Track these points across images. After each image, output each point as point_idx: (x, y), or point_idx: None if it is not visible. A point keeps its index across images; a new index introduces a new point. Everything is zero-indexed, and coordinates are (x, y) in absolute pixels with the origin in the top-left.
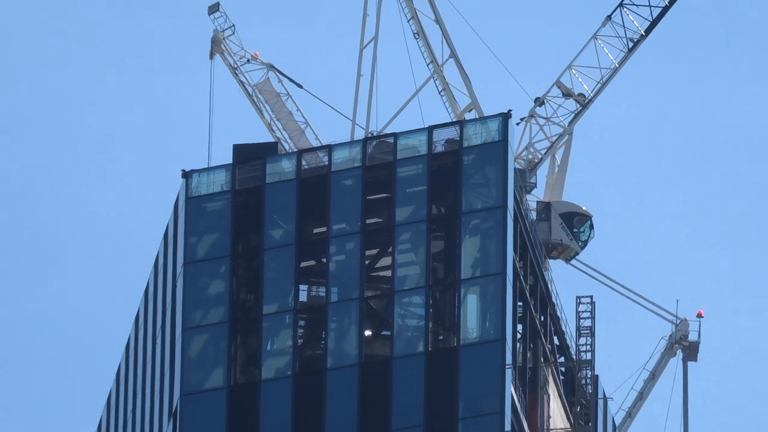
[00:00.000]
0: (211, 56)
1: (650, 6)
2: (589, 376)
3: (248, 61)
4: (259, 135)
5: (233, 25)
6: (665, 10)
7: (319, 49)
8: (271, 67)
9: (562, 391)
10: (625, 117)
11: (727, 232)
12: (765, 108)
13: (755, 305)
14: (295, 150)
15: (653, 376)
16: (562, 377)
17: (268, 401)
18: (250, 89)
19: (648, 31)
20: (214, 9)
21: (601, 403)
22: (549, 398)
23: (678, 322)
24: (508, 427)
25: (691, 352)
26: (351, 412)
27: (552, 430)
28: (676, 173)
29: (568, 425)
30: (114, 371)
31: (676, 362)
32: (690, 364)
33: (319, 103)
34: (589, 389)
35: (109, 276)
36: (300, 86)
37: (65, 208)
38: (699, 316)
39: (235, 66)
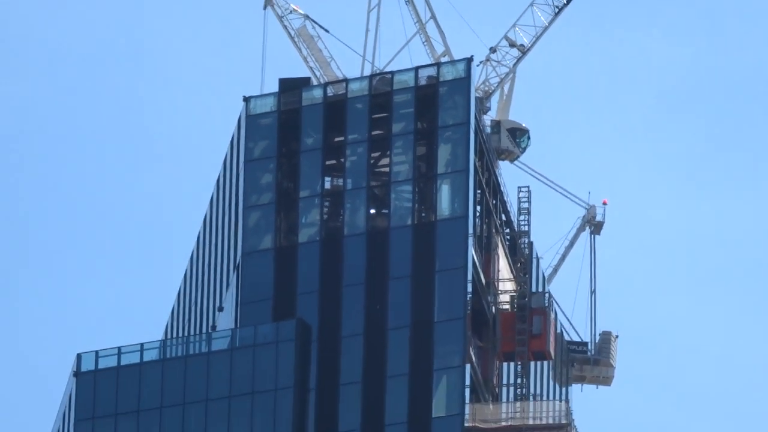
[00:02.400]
0: (264, 8)
1: None
2: (526, 242)
3: (291, 12)
4: (298, 68)
5: None
6: None
7: (342, 6)
8: (307, 17)
9: (507, 253)
10: (554, 61)
11: (634, 141)
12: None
13: (654, 196)
14: (323, 82)
15: (571, 244)
16: (507, 243)
17: (303, 258)
18: (292, 33)
19: (565, 4)
20: None
21: (534, 261)
22: (498, 258)
23: (588, 207)
24: (470, 277)
25: (596, 228)
26: (360, 265)
27: (500, 280)
28: (596, 97)
29: (511, 276)
30: (195, 236)
31: (586, 235)
32: (596, 237)
33: (340, 44)
34: (526, 251)
35: (192, 169)
36: (327, 31)
37: (160, 123)
38: (604, 203)
39: (282, 15)
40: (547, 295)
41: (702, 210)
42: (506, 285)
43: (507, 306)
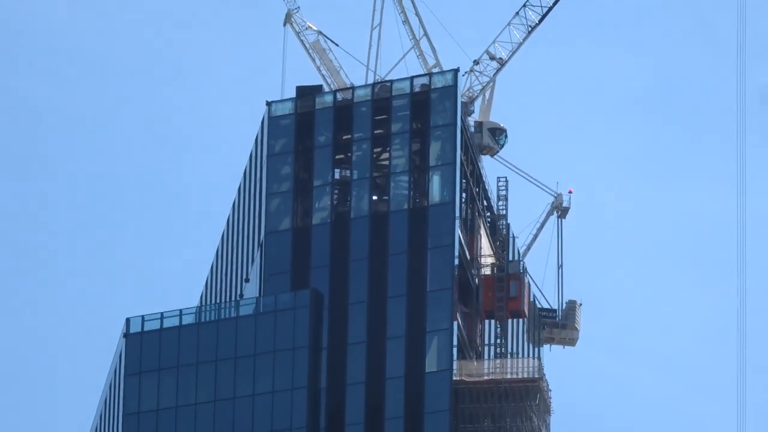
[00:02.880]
0: (284, 24)
1: (541, 6)
2: (504, 224)
3: (306, 28)
4: (312, 76)
5: (298, 7)
6: (550, 8)
7: (349, 24)
8: (320, 32)
9: (488, 233)
10: (528, 71)
11: (596, 139)
12: None
13: (611, 186)
14: (333, 89)
15: (542, 226)
16: (488, 225)
17: (316, 237)
18: (307, 46)
19: (540, 20)
20: None
21: (511, 240)
22: (481, 237)
23: (556, 195)
24: (456, 253)
25: (563, 213)
26: (364, 243)
27: (482, 255)
28: (563, 102)
29: (491, 252)
30: (226, 218)
31: (554, 219)
32: (563, 221)
33: (348, 56)
34: (504, 232)
35: (223, 162)
36: (337, 45)
37: (197, 124)
38: (569, 192)
39: (299, 31)
40: (522, 263)
41: (650, 198)
42: (487, 260)
43: (488, 272)
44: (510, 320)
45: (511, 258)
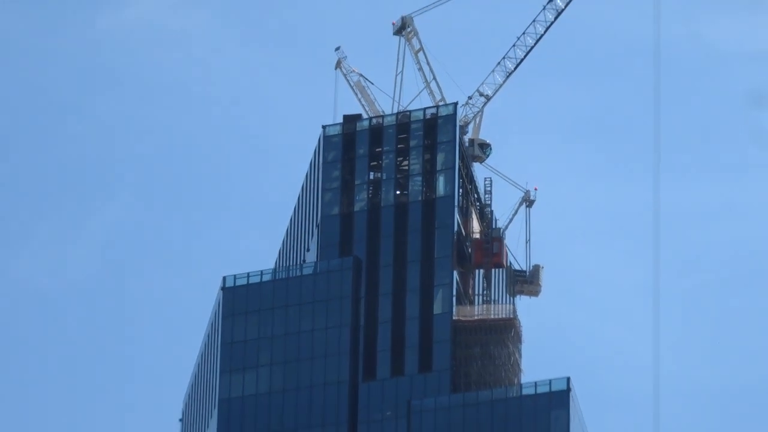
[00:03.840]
0: (335, 69)
1: (515, 58)
2: (489, 211)
3: (351, 71)
4: (354, 106)
5: (346, 56)
6: (522, 60)
7: (381, 70)
8: (360, 74)
9: (478, 217)
10: (506, 104)
11: (555, 151)
12: None
13: (565, 184)
14: (368, 116)
15: (515, 213)
16: (478, 211)
17: (357, 219)
18: (351, 84)
19: (515, 68)
20: (337, 48)
21: (494, 222)
22: (473, 220)
23: (525, 191)
24: (455, 230)
25: (530, 203)
26: (390, 224)
27: (473, 232)
28: (531, 125)
29: (480, 230)
30: (293, 207)
31: (524, 208)
32: (530, 209)
33: (380, 92)
34: (489, 216)
35: (292, 169)
36: (372, 83)
37: (276, 143)
38: (535, 189)
39: (345, 73)
40: (501, 231)
41: (590, 192)
42: (477, 236)
43: (477, 237)
44: (493, 270)
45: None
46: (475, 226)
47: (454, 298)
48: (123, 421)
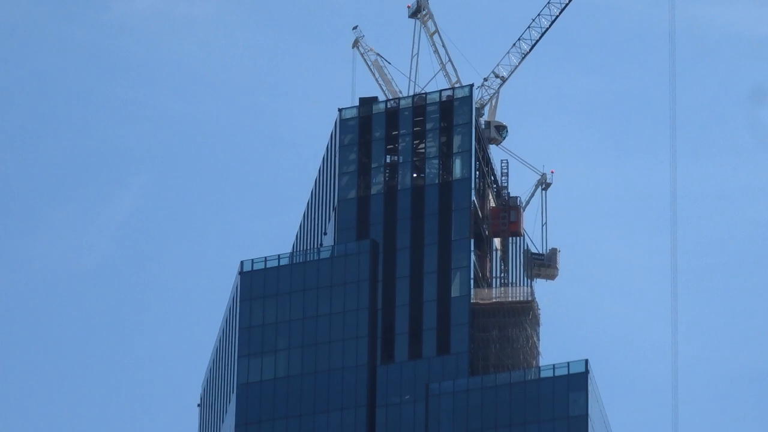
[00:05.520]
0: (352, 47)
1: (531, 39)
2: (506, 193)
3: (368, 51)
4: (372, 86)
5: (363, 35)
6: (537, 41)
7: (398, 50)
8: (378, 54)
9: (495, 198)
10: (522, 85)
11: (570, 135)
12: None
13: (581, 168)
14: (385, 98)
15: (532, 195)
16: (495, 193)
17: (373, 202)
18: (369, 63)
19: (530, 50)
20: (354, 27)
21: (512, 202)
22: (489, 201)
23: (542, 174)
24: (471, 213)
25: (546, 186)
26: (407, 206)
27: (491, 207)
28: (547, 106)
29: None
30: (310, 190)
31: (540, 191)
32: (546, 192)
33: (398, 72)
34: (506, 199)
35: (309, 150)
36: (390, 63)
37: (290, 125)
38: (552, 172)
39: (363, 53)
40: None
41: (605, 175)
42: (493, 204)
43: (493, 204)
44: (510, 253)
45: None
46: (492, 204)
47: (472, 281)
48: (141, 407)
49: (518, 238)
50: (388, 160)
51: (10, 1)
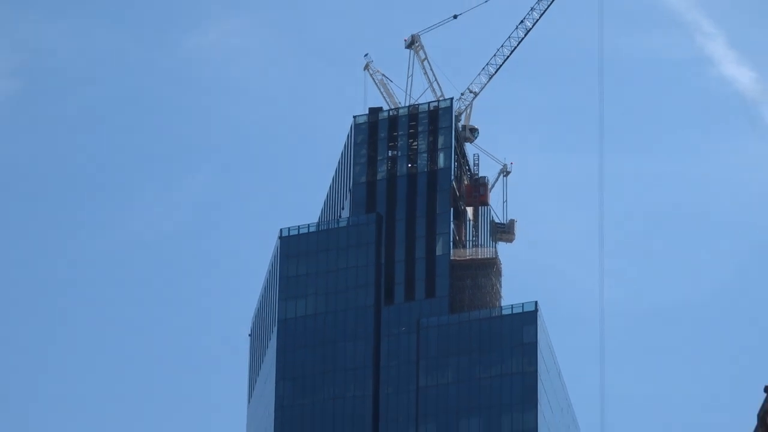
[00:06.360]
0: (364, 69)
1: (495, 65)
2: (478, 176)
3: (376, 72)
4: (378, 98)
5: (372, 60)
6: (500, 66)
7: (398, 72)
8: (383, 74)
9: (469, 180)
10: (489, 99)
11: (526, 132)
12: None
13: (535, 157)
14: (387, 108)
15: (496, 180)
16: (469, 177)
17: (379, 185)
18: (376, 81)
19: (495, 72)
20: (365, 55)
21: (481, 181)
22: (465, 183)
23: (503, 164)
24: (451, 189)
25: (507, 174)
26: (404, 189)
27: (466, 185)
28: (507, 113)
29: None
30: (331, 176)
31: (502, 178)
32: (507, 178)
33: (398, 87)
34: (472, 176)
35: (330, 146)
36: (391, 81)
37: (318, 131)
38: (511, 163)
39: (372, 74)
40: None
41: (551, 164)
42: (467, 182)
43: (467, 182)
44: (480, 220)
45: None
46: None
47: (451, 243)
48: (209, 336)
49: (486, 207)
50: (389, 154)
51: (107, 34)
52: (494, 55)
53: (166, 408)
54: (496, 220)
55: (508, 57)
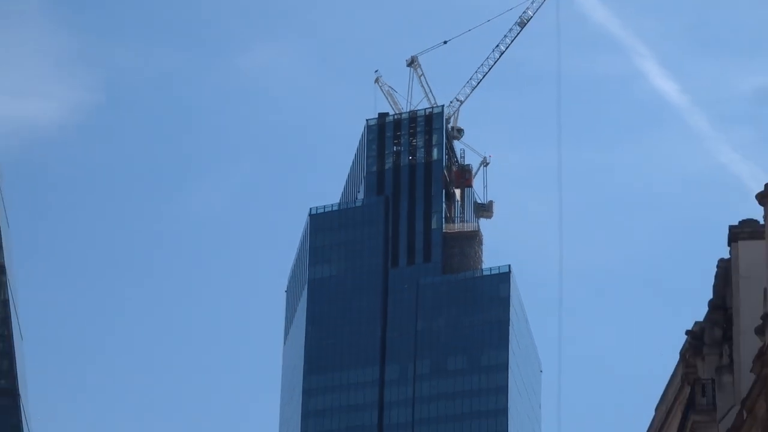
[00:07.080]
0: (374, 82)
1: (478, 79)
2: (464, 165)
3: (384, 84)
4: (386, 107)
5: (381, 75)
6: (482, 78)
7: (401, 84)
8: (390, 86)
9: (458, 168)
10: (471, 108)
11: (504, 131)
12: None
13: (512, 152)
14: (393, 113)
15: (479, 169)
16: (457, 167)
17: (387, 174)
18: (384, 92)
19: (477, 84)
20: (375, 71)
21: (466, 176)
22: (453, 173)
23: (483, 157)
24: (443, 176)
25: (486, 165)
26: (407, 175)
27: (455, 171)
28: (485, 118)
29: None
30: (350, 165)
31: (483, 168)
32: (487, 168)
33: (401, 97)
34: (459, 165)
35: (349, 143)
36: (396, 91)
37: (336, 130)
38: (490, 156)
39: (381, 86)
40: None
41: (524, 155)
42: (456, 168)
43: (456, 169)
44: (465, 195)
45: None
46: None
47: (443, 219)
48: (253, 292)
49: (470, 189)
50: (394, 149)
51: (165, 58)
52: (476, 71)
53: (221, 347)
54: (478, 201)
55: (486, 73)
